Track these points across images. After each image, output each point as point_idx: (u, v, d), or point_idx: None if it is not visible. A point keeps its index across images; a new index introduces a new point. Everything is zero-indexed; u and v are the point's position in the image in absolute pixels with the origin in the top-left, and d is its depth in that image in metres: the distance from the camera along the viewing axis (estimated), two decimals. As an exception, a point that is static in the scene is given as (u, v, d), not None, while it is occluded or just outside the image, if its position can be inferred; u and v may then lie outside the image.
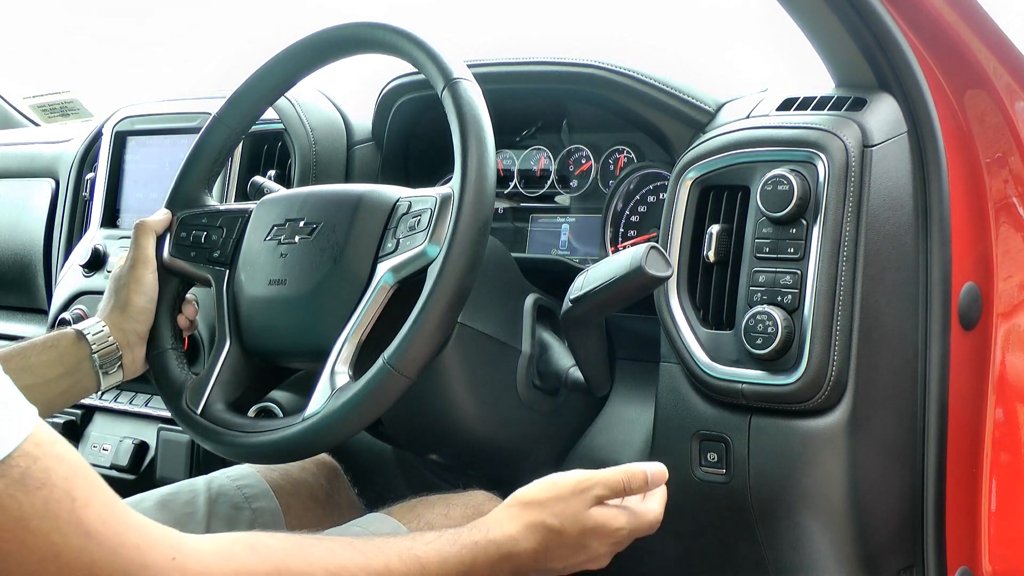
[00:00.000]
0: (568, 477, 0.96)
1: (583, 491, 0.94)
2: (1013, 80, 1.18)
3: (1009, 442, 1.20)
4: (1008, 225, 1.20)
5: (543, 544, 0.92)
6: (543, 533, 0.92)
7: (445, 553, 0.85)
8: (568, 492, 0.94)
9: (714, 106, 1.31)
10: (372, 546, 0.82)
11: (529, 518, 0.92)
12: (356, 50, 1.20)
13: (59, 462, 0.64)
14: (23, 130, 2.37)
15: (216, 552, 0.71)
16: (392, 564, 0.80)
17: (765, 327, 1.09)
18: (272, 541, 0.76)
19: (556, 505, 0.93)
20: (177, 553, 0.68)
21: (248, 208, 1.23)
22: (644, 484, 0.97)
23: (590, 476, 0.96)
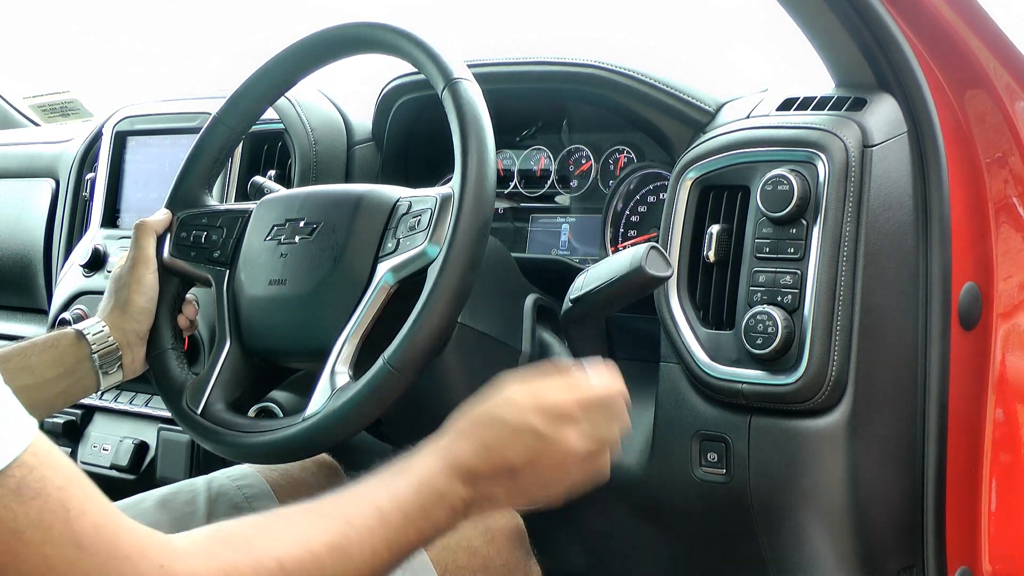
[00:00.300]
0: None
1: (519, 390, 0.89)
2: (1013, 80, 1.18)
3: (1009, 442, 1.20)
4: (1008, 225, 1.20)
5: (481, 436, 0.86)
6: (481, 426, 0.86)
7: (394, 486, 0.83)
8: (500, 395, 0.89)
9: (714, 106, 1.31)
10: (329, 507, 0.81)
11: (463, 421, 0.88)
12: (356, 50, 1.19)
13: (55, 472, 0.64)
14: (23, 130, 2.37)
15: (201, 553, 0.71)
16: (352, 519, 0.79)
17: (765, 327, 1.09)
18: (243, 530, 0.76)
19: (490, 400, 0.89)
20: (166, 559, 0.68)
21: (248, 208, 1.23)
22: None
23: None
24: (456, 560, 1.01)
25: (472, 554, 1.03)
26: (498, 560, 1.05)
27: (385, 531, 0.80)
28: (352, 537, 0.78)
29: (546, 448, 0.86)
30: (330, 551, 0.76)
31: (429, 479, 0.83)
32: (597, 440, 0.89)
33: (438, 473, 0.84)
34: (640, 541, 1.30)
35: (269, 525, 0.77)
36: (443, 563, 1.00)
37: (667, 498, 1.21)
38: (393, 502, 0.81)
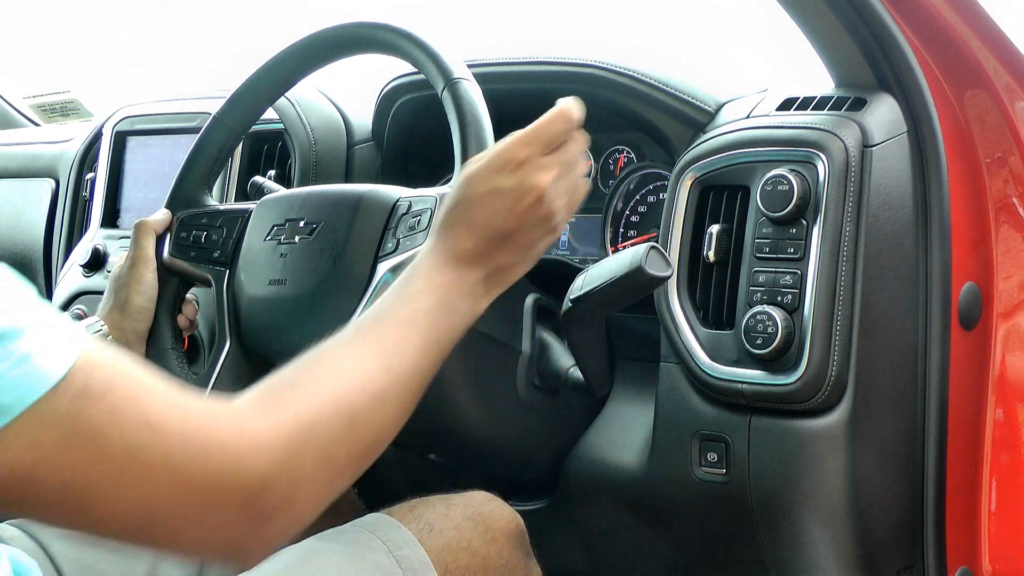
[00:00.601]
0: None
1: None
2: (1013, 80, 1.18)
3: (1009, 442, 1.20)
4: (1008, 225, 1.20)
5: (462, 220, 0.89)
6: (457, 212, 0.89)
7: (407, 295, 0.87)
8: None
9: (714, 106, 1.31)
10: (358, 333, 0.85)
11: (439, 218, 0.91)
12: (356, 50, 1.20)
13: (114, 368, 0.66)
14: (23, 130, 2.37)
15: (264, 406, 0.75)
16: (383, 336, 0.84)
17: (765, 327, 1.09)
18: (296, 376, 0.80)
19: (454, 191, 0.91)
20: (236, 419, 0.72)
21: (248, 208, 1.23)
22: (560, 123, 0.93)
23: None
24: (456, 560, 1.01)
25: (472, 554, 1.03)
26: (498, 560, 1.05)
27: (417, 336, 0.84)
28: (390, 352, 0.82)
29: (520, 197, 0.89)
30: (376, 370, 0.81)
31: (435, 277, 0.88)
32: (560, 163, 0.91)
33: (440, 268, 0.88)
34: (640, 541, 1.30)
35: (316, 367, 0.81)
36: (443, 563, 1.00)
37: (667, 498, 1.21)
38: (413, 309, 0.86)
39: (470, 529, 1.04)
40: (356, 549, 0.98)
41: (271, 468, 0.71)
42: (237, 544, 0.72)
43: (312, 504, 0.76)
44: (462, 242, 0.89)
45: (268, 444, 0.71)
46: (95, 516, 0.66)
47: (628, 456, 1.25)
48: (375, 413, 0.80)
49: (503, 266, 0.91)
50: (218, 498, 0.69)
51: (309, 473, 0.74)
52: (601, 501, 1.29)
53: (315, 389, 0.78)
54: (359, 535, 1.00)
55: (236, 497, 0.69)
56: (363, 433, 0.80)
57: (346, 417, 0.78)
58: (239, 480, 0.69)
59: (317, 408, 0.76)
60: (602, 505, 1.29)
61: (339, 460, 0.78)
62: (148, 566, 1.06)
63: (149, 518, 0.67)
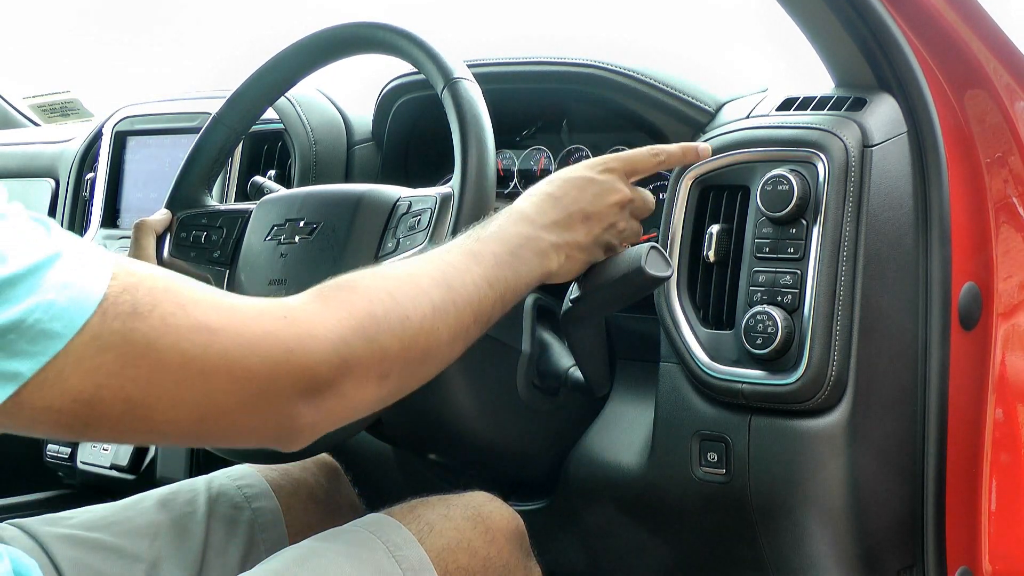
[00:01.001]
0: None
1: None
2: (1013, 80, 1.18)
3: (1009, 442, 1.20)
4: (1008, 225, 1.20)
5: (545, 191, 0.97)
6: (544, 184, 0.98)
7: (476, 235, 0.92)
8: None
9: (714, 106, 1.31)
10: (424, 255, 0.89)
11: (527, 191, 0.99)
12: (356, 50, 1.19)
13: (154, 281, 0.68)
14: (23, 130, 2.37)
15: (315, 299, 0.77)
16: (448, 258, 0.88)
17: (765, 327, 1.09)
18: (353, 274, 0.82)
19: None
20: (285, 312, 0.74)
21: (248, 208, 1.23)
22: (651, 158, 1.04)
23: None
24: (456, 560, 1.01)
25: (472, 554, 1.03)
26: (498, 561, 1.05)
27: (480, 268, 0.88)
28: (451, 272, 0.86)
29: (607, 192, 0.99)
30: (434, 283, 0.84)
31: (509, 227, 0.93)
32: (638, 194, 1.03)
33: (516, 222, 0.94)
34: (640, 541, 1.30)
35: (374, 273, 0.83)
36: (443, 563, 1.00)
37: (667, 498, 1.21)
38: (481, 248, 0.90)
39: (470, 529, 1.04)
40: (356, 549, 0.98)
41: (322, 353, 0.73)
42: (287, 429, 0.75)
43: (360, 395, 0.78)
44: (545, 209, 0.95)
45: (321, 331, 0.74)
46: (158, 424, 0.69)
47: (628, 456, 1.25)
48: (429, 321, 0.82)
49: (576, 243, 0.97)
50: (271, 386, 0.71)
51: (359, 361, 0.76)
52: (601, 501, 1.29)
53: (371, 285, 0.80)
54: (359, 535, 1.01)
55: (288, 384, 0.72)
56: (416, 337, 0.81)
57: (400, 316, 0.80)
58: (291, 367, 0.72)
59: (370, 301, 0.78)
60: (602, 505, 1.29)
61: (390, 356, 0.79)
62: (148, 566, 1.06)
63: (208, 416, 0.70)
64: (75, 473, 1.80)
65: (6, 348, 0.62)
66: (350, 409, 0.78)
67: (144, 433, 0.70)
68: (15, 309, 0.61)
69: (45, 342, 0.62)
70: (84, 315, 0.63)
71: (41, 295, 0.62)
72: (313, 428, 0.76)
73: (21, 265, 0.62)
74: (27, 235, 0.64)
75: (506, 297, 0.90)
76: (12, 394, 0.62)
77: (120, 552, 1.06)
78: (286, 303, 0.75)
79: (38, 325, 0.62)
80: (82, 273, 0.65)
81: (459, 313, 0.85)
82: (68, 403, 0.64)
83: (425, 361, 0.84)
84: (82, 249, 0.66)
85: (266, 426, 0.74)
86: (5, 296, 0.61)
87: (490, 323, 0.90)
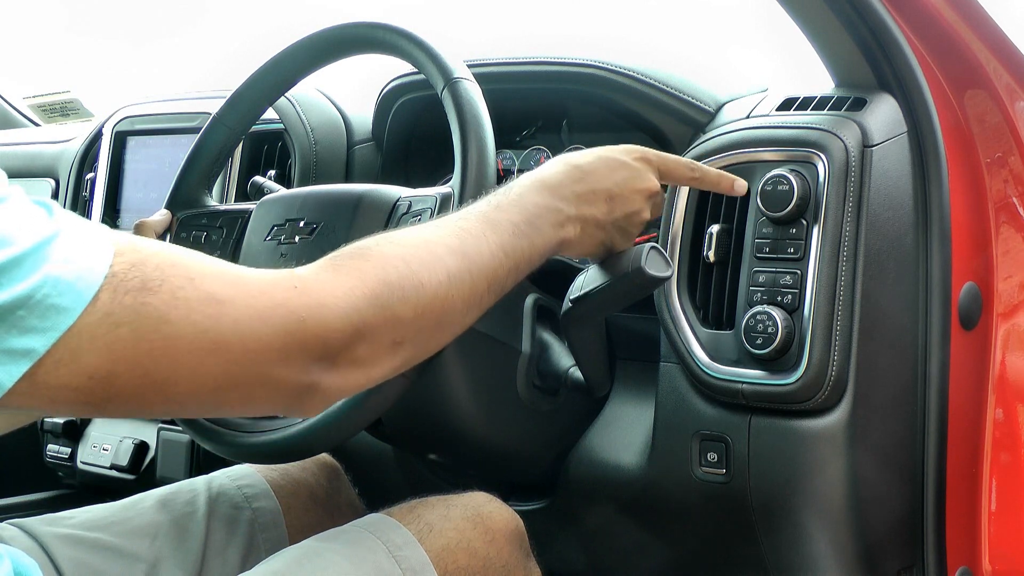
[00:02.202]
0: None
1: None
2: (1013, 80, 1.18)
3: (1009, 442, 1.20)
4: (1008, 225, 1.20)
5: (575, 162, 0.96)
6: (575, 156, 0.97)
7: (496, 202, 0.91)
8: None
9: (714, 106, 1.31)
10: (441, 221, 0.88)
11: (556, 158, 0.98)
12: (356, 50, 1.19)
13: (161, 257, 0.69)
14: (23, 130, 2.37)
15: (326, 267, 0.77)
16: (464, 225, 0.87)
17: (765, 327, 1.09)
18: (367, 240, 0.81)
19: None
20: (296, 282, 0.74)
21: (248, 208, 1.22)
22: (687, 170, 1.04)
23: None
24: (456, 561, 1.02)
25: (472, 555, 1.03)
26: (498, 561, 1.05)
27: (496, 237, 0.87)
28: (467, 240, 0.85)
29: (635, 177, 0.98)
30: (449, 251, 0.83)
31: (529, 196, 0.92)
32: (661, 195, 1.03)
33: (537, 191, 0.93)
34: (640, 541, 1.30)
35: (390, 234, 0.83)
36: (443, 564, 1.00)
37: (667, 498, 1.21)
38: (499, 216, 0.89)
39: (470, 530, 1.04)
40: (356, 549, 0.98)
41: (334, 321, 0.74)
42: (302, 396, 0.75)
43: (374, 362, 0.78)
44: (569, 180, 0.95)
45: (332, 300, 0.74)
46: (175, 397, 0.69)
47: (628, 456, 1.25)
48: (444, 289, 0.82)
49: (594, 219, 0.97)
50: (285, 356, 0.72)
51: (372, 328, 0.76)
52: (601, 501, 1.29)
53: (385, 252, 0.80)
54: (359, 535, 1.01)
55: (302, 353, 0.73)
56: (430, 304, 0.81)
57: (415, 282, 0.80)
58: (304, 336, 0.72)
59: (383, 268, 0.78)
60: (602, 505, 1.29)
61: (404, 323, 0.79)
62: (148, 566, 1.07)
63: (223, 386, 0.71)
64: (75, 473, 1.80)
65: (17, 325, 0.62)
66: (364, 376, 0.78)
67: (162, 406, 0.70)
68: (22, 286, 0.62)
69: (55, 317, 0.63)
70: (92, 289, 0.64)
71: (47, 271, 0.63)
72: (327, 395, 0.77)
73: (26, 245, 0.63)
74: (29, 216, 0.65)
75: (520, 266, 0.90)
76: (29, 373, 0.63)
77: (120, 552, 1.06)
78: (297, 273, 0.76)
79: (46, 300, 0.63)
80: (87, 249, 0.65)
81: (474, 281, 0.85)
82: (85, 380, 0.65)
83: (439, 329, 0.84)
84: (85, 227, 0.67)
85: (281, 395, 0.74)
86: (11, 275, 0.62)
87: (503, 291, 0.90)
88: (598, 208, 0.96)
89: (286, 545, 1.11)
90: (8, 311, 0.62)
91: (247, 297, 0.71)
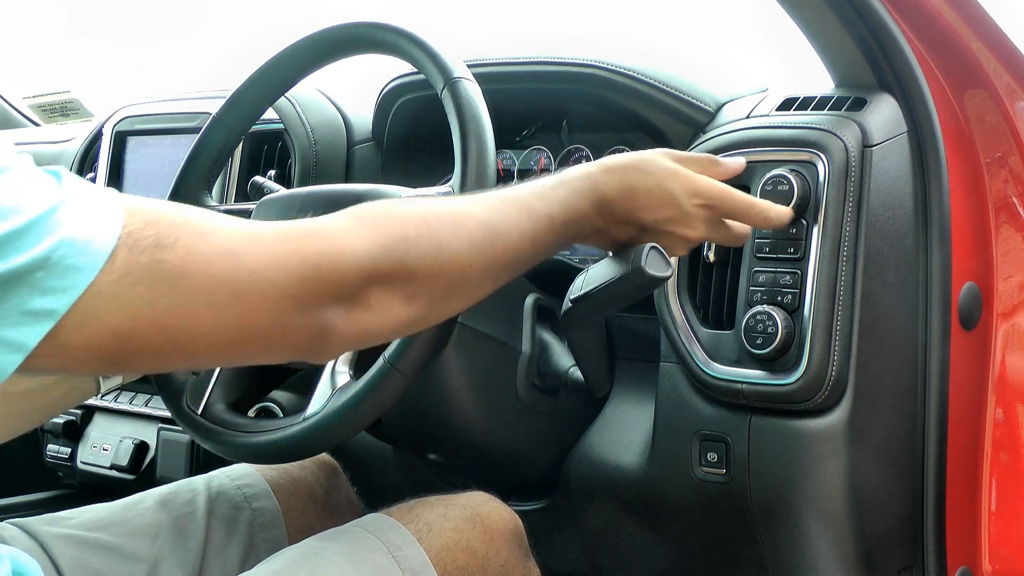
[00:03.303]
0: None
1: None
2: (1013, 80, 1.18)
3: (1009, 442, 1.20)
4: (1008, 225, 1.20)
5: (631, 179, 0.95)
6: (632, 170, 0.95)
7: (542, 194, 0.91)
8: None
9: (714, 106, 1.31)
10: (481, 196, 0.89)
11: (617, 160, 0.96)
12: (356, 50, 1.19)
13: (173, 215, 0.70)
14: (23, 130, 2.37)
15: (349, 217, 0.79)
16: (501, 206, 0.88)
17: (765, 327, 1.09)
18: (394, 199, 0.83)
19: (647, 154, 0.98)
20: (312, 229, 0.76)
21: (248, 208, 1.23)
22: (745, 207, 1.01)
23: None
24: (455, 560, 1.02)
25: (471, 555, 1.03)
26: (497, 561, 1.05)
27: (531, 224, 0.88)
28: (498, 218, 0.86)
29: (676, 218, 0.96)
30: (478, 224, 0.84)
31: (576, 199, 0.92)
32: (716, 235, 1.01)
33: (587, 197, 0.93)
34: (640, 541, 1.30)
35: (420, 200, 0.84)
36: (442, 563, 1.00)
37: (667, 498, 1.21)
38: (543, 204, 0.90)
39: (469, 530, 1.04)
40: (356, 549, 0.98)
41: (348, 265, 0.75)
42: (319, 340, 0.76)
43: (387, 311, 0.79)
44: (613, 195, 0.94)
45: (346, 246, 0.76)
46: (197, 350, 0.71)
47: (628, 456, 1.25)
48: (463, 256, 0.83)
49: (616, 239, 0.97)
50: (302, 301, 0.73)
51: (385, 275, 0.78)
52: (601, 501, 1.29)
53: (410, 211, 0.81)
54: (359, 535, 1.01)
55: (317, 296, 0.74)
56: (447, 266, 0.82)
57: (433, 243, 0.81)
58: (319, 280, 0.74)
59: (404, 224, 0.79)
60: (602, 505, 1.29)
61: (418, 278, 0.80)
62: (148, 566, 1.07)
63: (244, 336, 0.72)
64: (75, 473, 1.80)
65: (37, 286, 0.63)
66: (378, 324, 0.79)
67: (185, 360, 0.72)
68: (39, 248, 0.63)
69: (74, 277, 0.64)
70: (108, 248, 0.65)
71: (62, 233, 0.64)
72: (343, 339, 0.78)
73: (39, 209, 0.64)
74: (40, 182, 0.66)
75: (539, 256, 0.91)
76: (52, 335, 0.64)
77: (120, 552, 1.06)
78: (316, 221, 0.77)
79: (64, 261, 0.64)
80: (99, 211, 0.66)
81: (495, 256, 0.86)
82: (108, 339, 0.66)
83: (454, 293, 0.85)
84: (95, 190, 0.68)
85: (299, 341, 0.75)
86: (27, 238, 0.63)
87: (520, 272, 0.91)
88: (624, 231, 0.96)
89: (285, 545, 1.12)
90: (27, 273, 0.63)
91: (262, 247, 0.72)
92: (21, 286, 0.63)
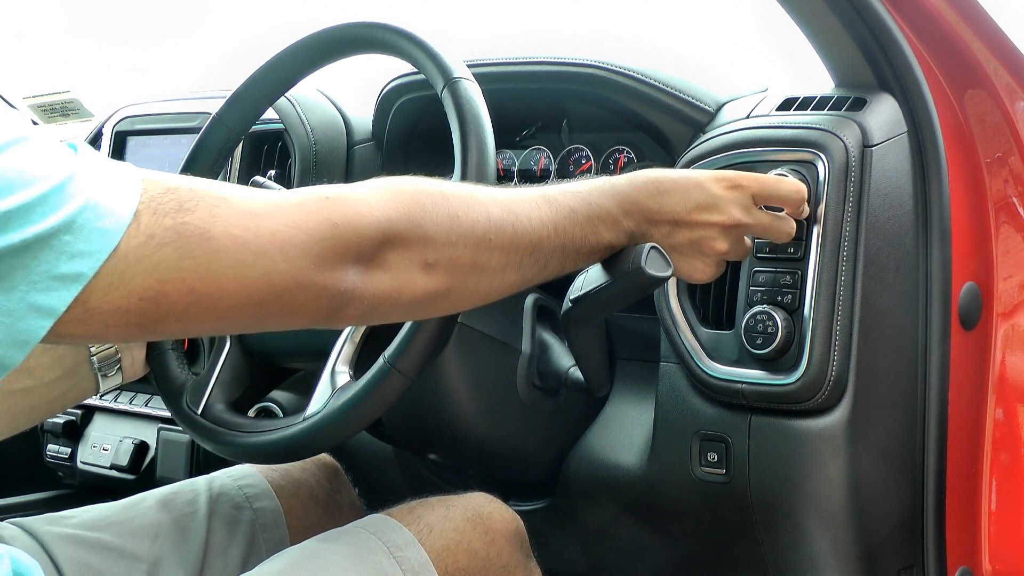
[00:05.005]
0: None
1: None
2: (1013, 80, 1.18)
3: (1009, 442, 1.20)
4: (1008, 225, 1.20)
5: (658, 179, 0.96)
6: (660, 173, 0.97)
7: (567, 189, 0.92)
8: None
9: (714, 106, 1.31)
10: (503, 188, 0.89)
11: (645, 172, 0.97)
12: (356, 50, 1.19)
13: (190, 183, 0.71)
14: (23, 130, 2.37)
15: (367, 185, 0.80)
16: (522, 192, 0.89)
17: (765, 327, 1.09)
18: (413, 175, 0.84)
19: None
20: (330, 193, 0.77)
21: (248, 208, 1.22)
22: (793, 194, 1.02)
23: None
24: (456, 561, 1.02)
25: (472, 555, 1.03)
26: (498, 561, 1.05)
27: (552, 211, 0.89)
28: (517, 202, 0.87)
29: (709, 204, 0.96)
30: (496, 203, 0.85)
31: (596, 195, 0.93)
32: (761, 222, 1.00)
33: (604, 192, 0.93)
34: (640, 541, 1.30)
35: (439, 180, 0.85)
36: (443, 564, 1.00)
37: (667, 498, 1.21)
38: (562, 196, 0.91)
39: (470, 530, 1.05)
40: (356, 550, 0.98)
41: (366, 226, 0.77)
42: (340, 303, 0.77)
43: (406, 275, 0.80)
44: (639, 195, 0.94)
45: (364, 208, 0.77)
46: (222, 312, 0.72)
47: (628, 456, 1.25)
48: (482, 228, 0.83)
49: (652, 238, 0.96)
50: (322, 261, 0.74)
51: (402, 238, 0.79)
52: (601, 501, 1.29)
53: (429, 187, 0.82)
54: (359, 536, 1.01)
55: (337, 256, 0.75)
56: (465, 237, 0.83)
57: (450, 213, 0.82)
58: (338, 240, 0.75)
59: (420, 194, 0.81)
60: (602, 505, 1.29)
61: (435, 245, 0.81)
62: (149, 566, 1.07)
63: (267, 298, 0.73)
64: (75, 473, 1.80)
65: (64, 250, 0.64)
66: (397, 290, 0.80)
67: (211, 322, 0.72)
68: (64, 212, 0.64)
69: (100, 240, 0.65)
70: (131, 211, 0.66)
71: (85, 196, 0.65)
72: (363, 301, 0.78)
73: (63, 175, 0.65)
74: (58, 152, 0.67)
75: (567, 250, 0.91)
76: (81, 299, 0.65)
77: (121, 552, 1.06)
78: (334, 187, 0.79)
79: (89, 224, 0.64)
80: (118, 177, 0.67)
81: (516, 236, 0.86)
82: (135, 302, 0.67)
83: (476, 270, 0.85)
84: (111, 162, 0.70)
85: (320, 301, 0.76)
86: (50, 204, 0.63)
87: (547, 269, 0.90)
88: (658, 230, 0.96)
89: (287, 545, 1.12)
90: (53, 237, 0.63)
91: (282, 209, 0.74)
92: (48, 250, 0.63)
